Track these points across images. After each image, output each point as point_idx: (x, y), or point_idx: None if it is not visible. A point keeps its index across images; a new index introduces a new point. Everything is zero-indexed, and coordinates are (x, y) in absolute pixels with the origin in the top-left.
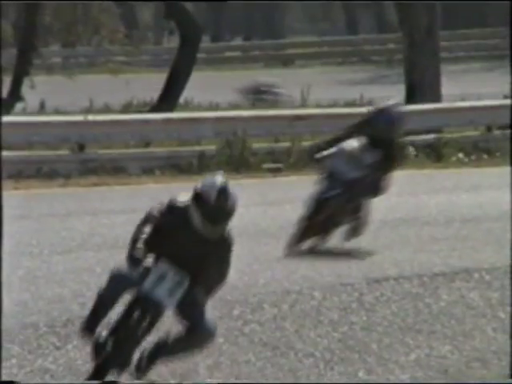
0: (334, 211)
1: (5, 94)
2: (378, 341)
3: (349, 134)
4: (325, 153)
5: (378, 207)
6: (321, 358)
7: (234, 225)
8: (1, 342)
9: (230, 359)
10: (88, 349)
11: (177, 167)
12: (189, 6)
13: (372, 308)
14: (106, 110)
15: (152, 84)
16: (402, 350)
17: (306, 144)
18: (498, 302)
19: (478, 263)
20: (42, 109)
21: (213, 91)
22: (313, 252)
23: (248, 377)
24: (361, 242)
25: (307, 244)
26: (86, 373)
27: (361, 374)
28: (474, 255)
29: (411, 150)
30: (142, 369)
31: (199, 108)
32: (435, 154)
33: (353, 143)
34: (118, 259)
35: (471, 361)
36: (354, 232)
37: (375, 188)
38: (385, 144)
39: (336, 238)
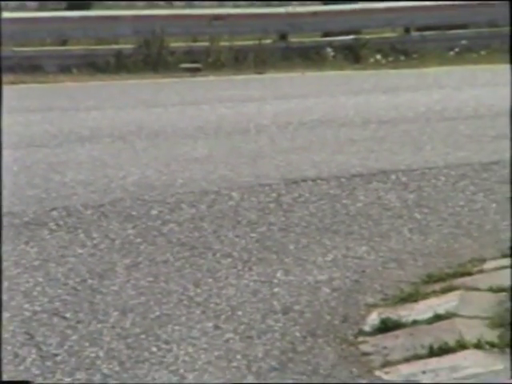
0: None
1: None
2: (295, 241)
3: None
4: None
5: (295, 108)
6: (239, 259)
7: (152, 125)
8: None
9: (148, 259)
10: None
11: (94, 65)
12: None
13: (290, 209)
14: (22, 7)
15: None
16: (319, 251)
17: (224, 44)
18: (414, 204)
19: (394, 165)
20: None
21: None
22: None
23: (166, 277)
24: (278, 143)
25: None
26: None
27: (279, 274)
28: (391, 157)
29: (329, 51)
30: None
31: (117, 6)
32: (353, 56)
33: None
34: (35, 158)
35: (388, 261)
36: None
37: None
38: None
39: None
